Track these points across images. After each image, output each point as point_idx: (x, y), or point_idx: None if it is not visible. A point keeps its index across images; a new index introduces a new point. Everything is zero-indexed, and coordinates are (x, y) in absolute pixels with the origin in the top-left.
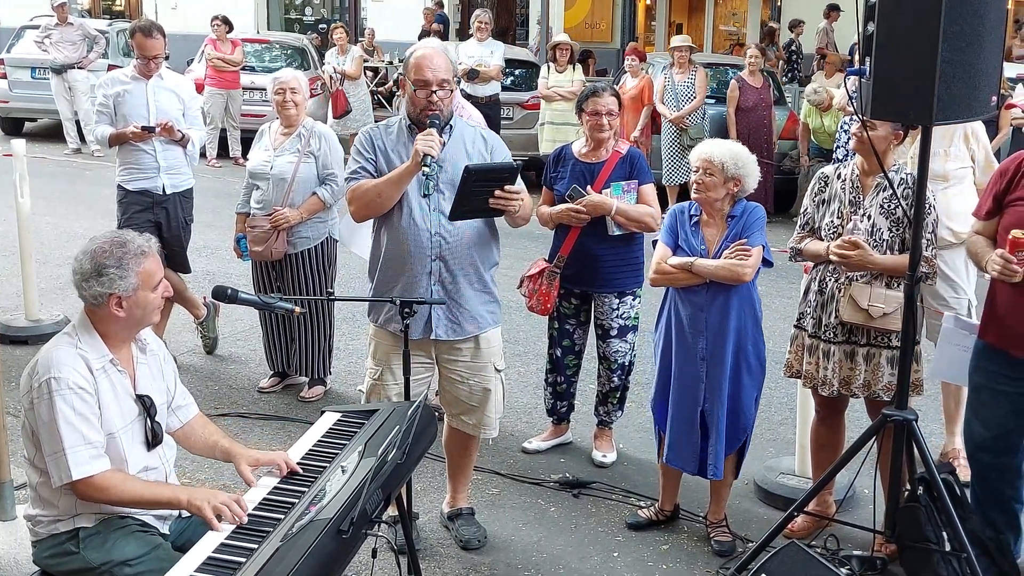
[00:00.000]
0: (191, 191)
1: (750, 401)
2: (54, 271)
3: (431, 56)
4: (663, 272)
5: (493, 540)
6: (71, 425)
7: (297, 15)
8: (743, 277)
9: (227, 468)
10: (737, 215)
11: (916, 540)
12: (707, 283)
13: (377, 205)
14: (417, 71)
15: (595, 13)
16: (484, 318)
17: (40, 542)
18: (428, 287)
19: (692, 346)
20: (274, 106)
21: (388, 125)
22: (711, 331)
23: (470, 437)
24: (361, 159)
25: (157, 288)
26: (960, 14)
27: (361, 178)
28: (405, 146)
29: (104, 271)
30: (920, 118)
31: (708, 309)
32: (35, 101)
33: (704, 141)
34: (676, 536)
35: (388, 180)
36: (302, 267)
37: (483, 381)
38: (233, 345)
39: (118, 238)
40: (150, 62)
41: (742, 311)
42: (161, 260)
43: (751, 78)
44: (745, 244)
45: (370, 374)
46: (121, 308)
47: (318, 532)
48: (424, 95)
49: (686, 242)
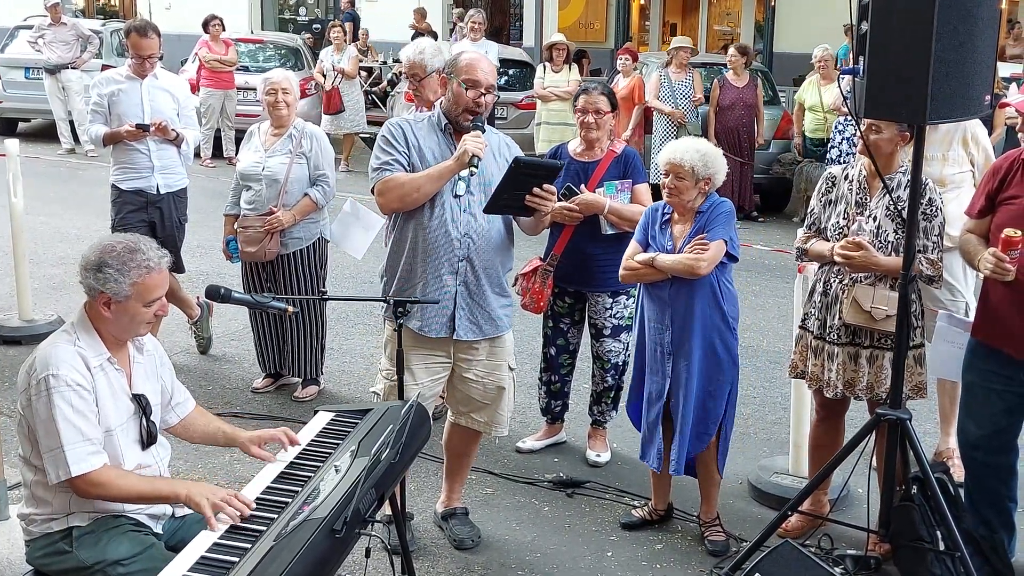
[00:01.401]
0: (185, 191)
1: (721, 395)
2: (48, 271)
3: (482, 60)
4: (630, 268)
5: (487, 539)
6: (69, 422)
7: (291, 15)
8: (698, 271)
9: (220, 468)
10: (704, 211)
11: (910, 539)
12: (671, 279)
13: (413, 200)
14: (470, 71)
15: (589, 13)
16: (502, 320)
17: (33, 541)
18: (453, 286)
19: (658, 341)
20: (265, 106)
21: (417, 120)
22: (676, 325)
23: (474, 436)
24: (394, 151)
25: (151, 305)
26: (953, 13)
27: (394, 170)
28: (439, 144)
29: (103, 268)
30: (913, 117)
31: (672, 304)
32: (29, 101)
33: (668, 144)
34: (670, 535)
35: (429, 176)
36: (294, 267)
37: (498, 380)
38: (227, 345)
39: (134, 244)
40: (145, 62)
41: (706, 305)
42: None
43: (735, 78)
44: (704, 239)
45: (386, 376)
46: (108, 309)
47: (312, 531)
48: (474, 95)
49: (654, 239)
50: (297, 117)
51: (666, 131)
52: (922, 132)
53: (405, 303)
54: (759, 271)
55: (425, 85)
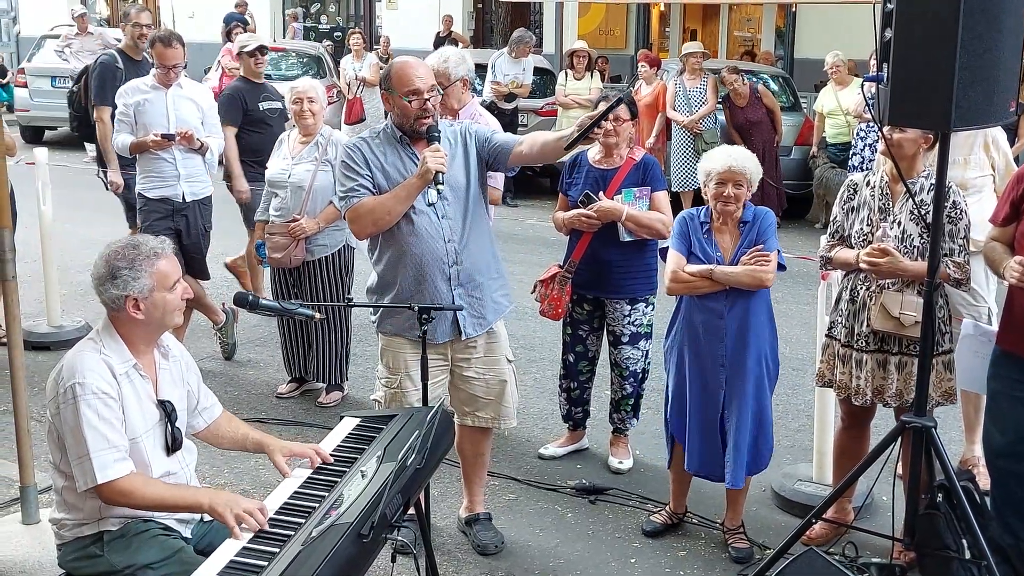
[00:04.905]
0: (210, 199)
1: (770, 405)
2: (75, 278)
3: (413, 65)
4: (682, 280)
5: (510, 545)
6: (95, 430)
7: (312, 23)
8: (766, 282)
9: (246, 473)
10: (749, 220)
11: (935, 548)
12: (726, 289)
13: (386, 222)
14: (405, 82)
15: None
16: (499, 303)
17: (65, 545)
18: (449, 292)
19: (710, 353)
20: (291, 115)
21: (372, 138)
22: (731, 337)
23: (483, 435)
24: (358, 176)
25: (174, 288)
26: (977, 20)
27: (361, 195)
28: (400, 157)
29: (118, 273)
30: (938, 124)
31: (727, 315)
32: (55, 110)
33: (718, 150)
34: (693, 542)
35: (395, 197)
36: (320, 274)
37: (499, 375)
38: (251, 351)
39: (131, 241)
40: (170, 71)
41: (760, 316)
42: (178, 262)
43: (737, 98)
44: (763, 249)
45: (386, 383)
46: (139, 310)
47: (339, 536)
48: (419, 104)
49: (701, 250)
50: (324, 125)
51: (684, 141)
52: (947, 139)
53: (430, 310)
54: (781, 278)
55: (449, 93)
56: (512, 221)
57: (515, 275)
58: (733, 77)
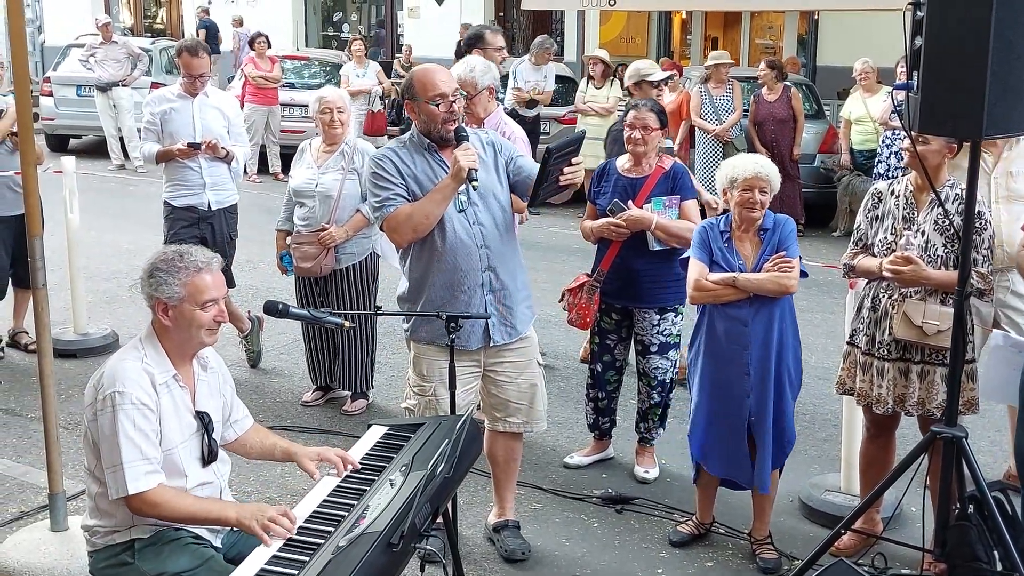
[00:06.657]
0: (235, 207)
1: (792, 411)
2: (101, 285)
3: (434, 70)
4: (705, 289)
5: (537, 554)
6: (131, 440)
7: (335, 32)
8: (790, 288)
9: (273, 481)
10: (769, 228)
11: (966, 559)
12: (750, 297)
13: (425, 227)
14: (429, 88)
15: (630, 28)
16: (525, 314)
17: (96, 552)
18: (482, 299)
19: (735, 360)
20: (319, 124)
21: (399, 148)
22: (756, 344)
23: (515, 440)
24: (391, 185)
25: (207, 307)
26: (1009, 27)
27: (397, 203)
28: (429, 164)
29: (155, 274)
30: (969, 132)
31: (752, 323)
32: (80, 118)
33: (743, 157)
34: (721, 553)
35: (432, 200)
36: (346, 282)
37: (530, 378)
38: (276, 359)
39: (182, 249)
40: (196, 80)
41: (784, 323)
42: (224, 284)
43: (768, 93)
44: (786, 256)
45: (418, 391)
46: (167, 316)
47: (369, 545)
48: (445, 106)
49: (723, 258)
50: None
51: (711, 148)
52: (978, 147)
53: (458, 318)
54: (806, 286)
55: (476, 102)
56: (535, 228)
57: (538, 283)
58: (767, 71)
